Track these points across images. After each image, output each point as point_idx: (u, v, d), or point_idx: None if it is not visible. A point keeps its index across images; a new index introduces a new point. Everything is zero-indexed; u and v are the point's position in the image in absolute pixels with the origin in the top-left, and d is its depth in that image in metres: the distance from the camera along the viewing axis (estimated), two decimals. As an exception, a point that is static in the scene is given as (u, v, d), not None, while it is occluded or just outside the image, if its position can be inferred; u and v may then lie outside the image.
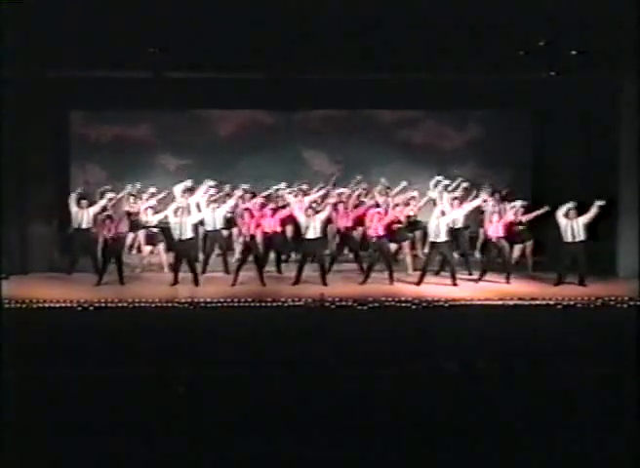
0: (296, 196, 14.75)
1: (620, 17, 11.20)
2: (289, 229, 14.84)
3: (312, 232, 13.66)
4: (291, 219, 14.51)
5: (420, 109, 16.58)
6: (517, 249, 14.35)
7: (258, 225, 13.81)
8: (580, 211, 13.33)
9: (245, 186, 14.83)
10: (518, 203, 14.18)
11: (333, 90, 14.59)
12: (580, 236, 13.29)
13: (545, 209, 13.92)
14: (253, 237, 13.65)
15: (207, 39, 11.78)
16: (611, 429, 7.09)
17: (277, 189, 14.95)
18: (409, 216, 14.51)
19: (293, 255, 14.84)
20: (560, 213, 13.35)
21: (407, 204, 14.50)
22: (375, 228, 13.73)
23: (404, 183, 15.05)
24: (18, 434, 6.89)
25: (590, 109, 14.22)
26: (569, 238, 13.33)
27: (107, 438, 7.03)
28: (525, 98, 15.22)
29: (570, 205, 13.34)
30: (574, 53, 12.28)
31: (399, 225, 14.20)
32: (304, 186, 15.19)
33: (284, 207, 14.54)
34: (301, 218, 13.81)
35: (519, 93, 14.80)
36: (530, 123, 16.64)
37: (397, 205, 14.39)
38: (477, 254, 15.11)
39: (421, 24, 11.50)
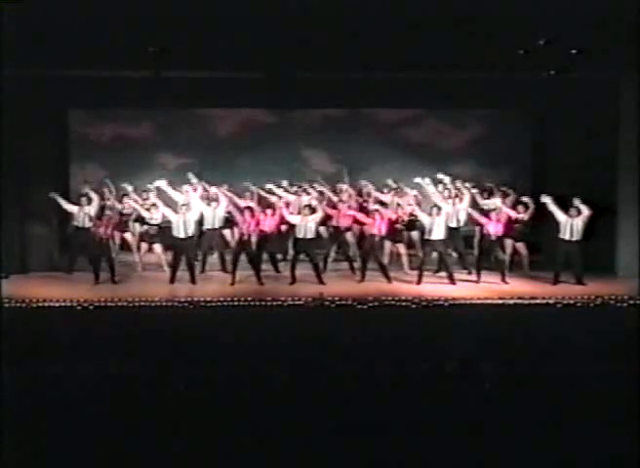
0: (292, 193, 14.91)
1: (619, 16, 11.20)
2: (283, 228, 14.84)
3: (306, 232, 13.67)
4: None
5: (420, 108, 16.59)
6: (509, 246, 14.37)
7: (257, 224, 13.81)
8: (562, 205, 13.46)
9: (225, 186, 14.70)
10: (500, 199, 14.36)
11: (333, 89, 14.58)
12: (578, 235, 13.34)
13: (528, 201, 14.15)
14: (249, 236, 13.63)
15: (207, 39, 11.77)
16: (611, 429, 7.10)
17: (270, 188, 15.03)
18: (410, 215, 14.55)
19: (290, 254, 14.86)
20: (553, 207, 13.40)
21: (410, 204, 14.59)
22: (378, 226, 13.75)
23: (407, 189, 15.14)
24: (18, 434, 6.89)
25: (590, 109, 14.21)
26: (567, 236, 13.38)
27: (107, 438, 7.04)
28: (525, 98, 15.22)
29: (547, 199, 13.39)
30: (574, 52, 12.26)
31: (399, 225, 14.26)
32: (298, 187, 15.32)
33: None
34: (294, 218, 13.84)
35: (519, 93, 14.80)
36: (530, 123, 16.65)
37: (399, 205, 14.46)
38: (476, 253, 15.12)
39: (422, 24, 11.49)
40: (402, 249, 14.57)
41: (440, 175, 14.85)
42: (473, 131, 16.95)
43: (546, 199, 13.44)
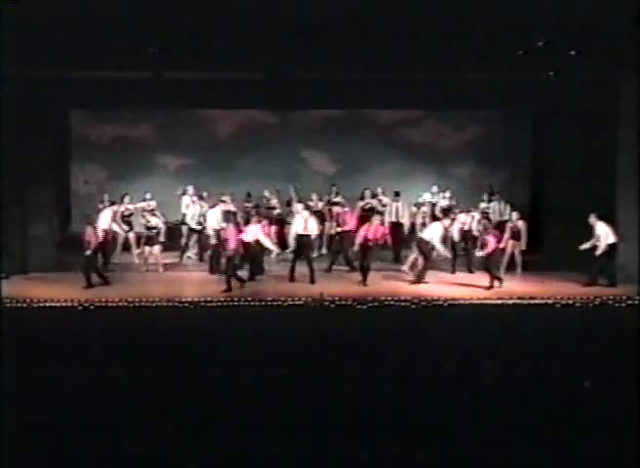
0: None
1: (619, 17, 11.21)
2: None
3: (307, 230, 13.77)
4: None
5: (420, 109, 16.60)
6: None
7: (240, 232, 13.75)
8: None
9: (226, 196, 14.77)
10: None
11: (333, 90, 14.58)
12: (613, 239, 13.33)
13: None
14: (245, 244, 13.55)
15: (207, 39, 11.78)
16: (611, 429, 7.10)
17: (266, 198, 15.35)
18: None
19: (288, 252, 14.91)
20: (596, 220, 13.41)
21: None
22: (374, 231, 13.77)
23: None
24: (18, 434, 6.90)
25: (590, 109, 14.20)
26: (611, 240, 13.33)
27: (107, 437, 7.04)
28: (525, 98, 15.21)
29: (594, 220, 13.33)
30: (574, 53, 12.27)
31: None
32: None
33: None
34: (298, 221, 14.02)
35: (519, 93, 14.79)
36: (530, 123, 16.65)
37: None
38: (477, 253, 15.12)
39: (422, 24, 11.50)
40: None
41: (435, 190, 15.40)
42: (473, 131, 16.96)
43: (593, 220, 13.34)
